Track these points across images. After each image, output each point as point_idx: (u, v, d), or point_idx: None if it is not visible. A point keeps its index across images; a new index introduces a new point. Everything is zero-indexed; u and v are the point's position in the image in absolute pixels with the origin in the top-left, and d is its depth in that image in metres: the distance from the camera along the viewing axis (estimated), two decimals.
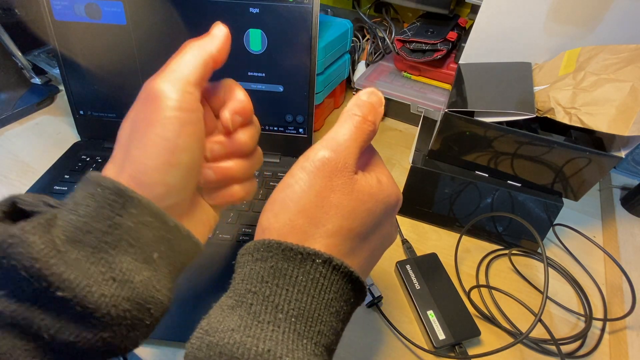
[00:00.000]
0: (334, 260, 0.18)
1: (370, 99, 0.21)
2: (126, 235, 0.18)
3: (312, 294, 0.17)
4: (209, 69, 0.22)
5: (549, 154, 0.37)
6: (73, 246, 0.17)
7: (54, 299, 0.16)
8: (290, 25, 0.43)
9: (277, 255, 0.18)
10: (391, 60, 0.65)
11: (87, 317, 0.17)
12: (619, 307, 0.37)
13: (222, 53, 0.22)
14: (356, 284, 0.19)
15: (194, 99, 0.21)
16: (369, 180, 0.20)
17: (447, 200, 0.43)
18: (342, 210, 0.19)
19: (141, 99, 0.21)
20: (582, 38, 0.42)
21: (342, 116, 0.21)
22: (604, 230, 0.47)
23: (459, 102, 0.39)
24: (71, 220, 0.18)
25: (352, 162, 0.20)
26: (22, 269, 0.16)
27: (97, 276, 0.17)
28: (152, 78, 0.21)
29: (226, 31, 0.23)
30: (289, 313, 0.17)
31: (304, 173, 0.19)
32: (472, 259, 0.42)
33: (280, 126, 0.49)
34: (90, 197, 0.18)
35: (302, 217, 0.19)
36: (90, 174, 0.20)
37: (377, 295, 0.36)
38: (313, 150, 0.20)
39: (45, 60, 0.62)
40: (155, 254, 0.20)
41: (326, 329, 0.17)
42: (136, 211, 0.19)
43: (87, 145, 0.51)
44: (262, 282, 0.17)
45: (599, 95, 0.34)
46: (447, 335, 0.33)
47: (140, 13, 0.44)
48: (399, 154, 0.56)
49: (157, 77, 0.21)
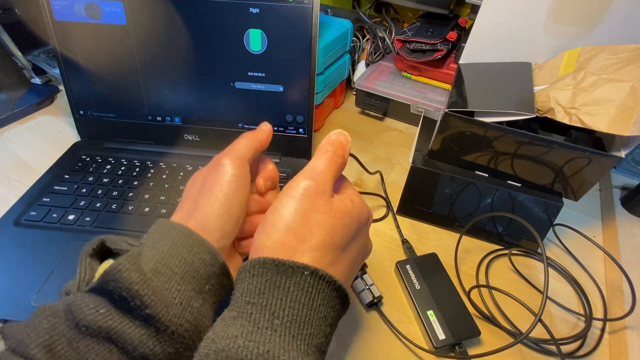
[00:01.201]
0: (320, 271, 0.21)
1: (338, 137, 0.27)
2: (190, 268, 0.23)
3: (303, 302, 0.20)
4: (257, 151, 0.30)
5: (549, 154, 0.37)
6: (155, 275, 0.22)
7: (142, 316, 0.20)
8: (290, 25, 0.43)
9: (272, 270, 0.21)
10: (391, 60, 0.65)
11: (161, 332, 0.21)
12: (619, 307, 0.37)
13: (267, 141, 0.31)
14: (339, 291, 0.22)
15: (247, 169, 0.28)
16: (343, 200, 0.24)
17: (447, 200, 0.43)
18: (323, 227, 0.22)
19: (211, 166, 0.28)
20: (582, 38, 0.42)
21: (317, 152, 0.26)
22: (604, 230, 0.47)
23: (459, 102, 0.39)
24: (153, 255, 0.23)
25: (329, 187, 0.24)
26: (124, 290, 0.20)
27: (170, 300, 0.21)
28: (219, 154, 0.28)
29: (270, 127, 0.31)
30: (284, 319, 0.19)
31: (290, 199, 0.23)
32: (472, 259, 0.42)
33: (280, 126, 0.49)
34: (167, 238, 0.24)
35: (290, 235, 0.22)
36: (163, 220, 0.26)
37: (377, 295, 0.36)
38: (296, 180, 0.24)
39: (45, 60, 0.62)
40: (207, 286, 0.24)
41: (316, 332, 0.20)
42: (198, 249, 0.24)
43: (87, 145, 0.51)
44: (259, 294, 0.20)
45: (599, 95, 0.34)
46: (447, 335, 0.33)
47: (140, 13, 0.44)
48: (399, 154, 0.56)
49: (223, 154, 0.28)
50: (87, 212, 0.42)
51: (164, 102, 0.49)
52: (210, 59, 0.46)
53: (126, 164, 0.48)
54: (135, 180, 0.46)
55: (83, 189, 0.44)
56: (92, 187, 0.45)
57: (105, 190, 0.44)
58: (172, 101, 0.49)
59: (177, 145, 0.51)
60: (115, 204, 0.43)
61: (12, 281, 0.35)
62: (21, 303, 0.34)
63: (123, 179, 0.46)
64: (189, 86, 0.47)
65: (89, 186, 0.45)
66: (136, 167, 0.48)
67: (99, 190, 0.44)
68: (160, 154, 0.50)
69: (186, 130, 0.50)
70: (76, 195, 0.44)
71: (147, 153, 0.50)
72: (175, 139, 0.51)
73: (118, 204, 0.43)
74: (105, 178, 0.46)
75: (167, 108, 0.49)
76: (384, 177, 0.51)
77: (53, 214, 0.41)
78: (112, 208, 0.42)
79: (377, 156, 0.56)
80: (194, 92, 0.48)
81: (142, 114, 0.50)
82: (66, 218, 0.41)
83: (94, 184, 0.45)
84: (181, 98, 0.48)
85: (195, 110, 0.49)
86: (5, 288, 0.34)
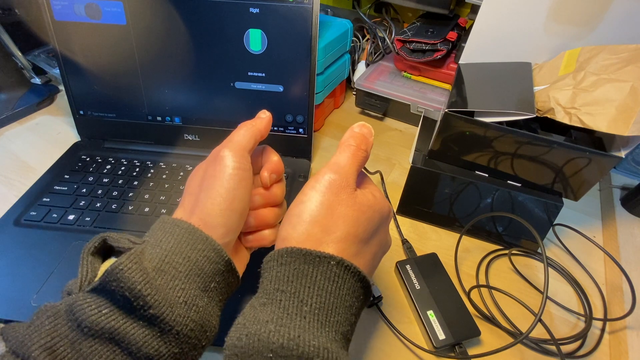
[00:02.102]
0: (345, 261, 0.21)
1: (361, 130, 0.27)
2: (194, 267, 0.23)
3: (330, 290, 0.20)
4: (257, 140, 0.29)
5: (549, 154, 0.37)
6: (158, 274, 0.22)
7: (145, 316, 0.20)
8: (290, 25, 0.43)
9: (299, 259, 0.21)
10: (391, 60, 0.65)
11: (166, 332, 0.21)
12: (619, 307, 0.37)
13: (266, 129, 0.30)
14: (363, 282, 0.22)
15: (248, 161, 0.27)
16: (366, 194, 0.25)
17: (447, 200, 0.43)
18: (347, 219, 0.23)
19: (210, 160, 0.27)
20: (582, 38, 0.42)
21: (341, 146, 0.26)
22: (604, 230, 0.47)
23: (459, 102, 0.39)
24: (156, 253, 0.22)
25: (352, 181, 0.24)
26: (127, 290, 0.20)
27: (174, 299, 0.21)
28: (218, 147, 0.28)
29: (269, 115, 0.31)
30: (313, 306, 0.20)
31: (315, 192, 0.23)
32: (472, 259, 0.42)
33: (280, 126, 0.49)
34: (170, 235, 0.23)
35: (316, 227, 0.22)
36: (165, 217, 0.25)
37: (377, 295, 0.36)
38: (321, 173, 0.24)
39: (45, 60, 0.62)
40: (212, 283, 0.24)
41: (342, 320, 0.21)
42: (202, 247, 0.24)
43: (87, 145, 0.51)
44: (287, 282, 0.21)
45: (599, 95, 0.34)
46: (447, 335, 0.33)
47: (140, 13, 0.44)
48: (399, 154, 0.56)
49: (222, 146, 0.27)
50: (87, 212, 0.42)
51: (164, 102, 0.49)
52: (210, 59, 0.46)
53: (126, 164, 0.48)
54: (135, 180, 0.46)
55: (83, 189, 0.44)
56: (92, 187, 0.45)
57: (105, 190, 0.44)
58: (172, 101, 0.49)
59: (177, 145, 0.51)
60: (115, 204, 0.43)
61: (12, 281, 0.35)
62: (21, 303, 0.34)
63: (123, 179, 0.46)
64: (189, 86, 0.47)
65: (89, 186, 0.45)
66: (136, 167, 0.48)
67: (99, 190, 0.44)
68: (160, 154, 0.50)
69: (186, 130, 0.50)
70: (76, 195, 0.44)
71: (147, 153, 0.50)
72: (175, 139, 0.51)
73: (118, 204, 0.43)
74: (105, 178, 0.46)
75: (167, 108, 0.49)
76: (384, 177, 0.51)
77: (53, 214, 0.41)
78: (112, 208, 0.42)
79: (377, 156, 0.56)
80: (194, 92, 0.48)
81: (142, 114, 0.50)
82: (66, 218, 0.41)
83: (94, 184, 0.45)
84: (181, 98, 0.48)
85: (195, 110, 0.49)
86: (5, 288, 0.34)
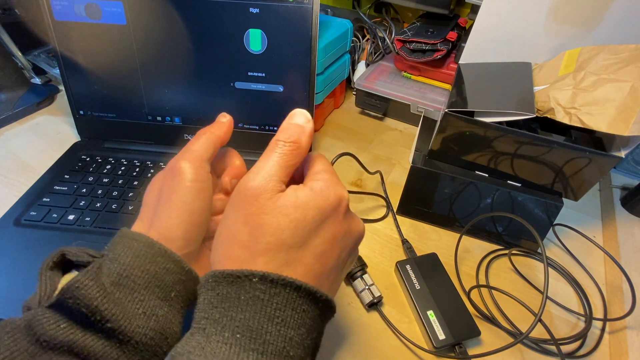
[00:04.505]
0: (270, 275, 0.19)
1: (294, 120, 0.25)
2: (154, 279, 0.23)
3: (254, 310, 0.19)
4: (217, 147, 0.28)
5: (549, 154, 0.37)
6: (116, 288, 0.22)
7: (103, 329, 0.21)
8: (290, 25, 0.43)
9: (222, 282, 0.20)
10: (391, 60, 0.65)
11: (125, 343, 0.21)
12: (619, 307, 0.37)
13: (227, 135, 0.28)
14: (301, 291, 0.20)
15: (206, 171, 0.26)
16: (297, 192, 0.22)
17: (447, 200, 0.43)
18: (267, 228, 0.21)
19: (167, 171, 0.26)
20: (582, 38, 0.42)
21: (269, 145, 0.24)
22: (604, 230, 0.47)
23: (459, 102, 0.39)
24: (115, 268, 0.22)
25: (274, 184, 0.22)
26: (83, 307, 0.20)
27: (133, 311, 0.22)
28: (175, 157, 0.26)
29: (229, 118, 0.29)
30: (234, 330, 0.19)
31: (229, 207, 0.22)
32: (472, 259, 0.42)
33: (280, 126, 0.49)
34: (129, 249, 0.23)
35: (235, 245, 0.21)
36: (125, 230, 0.25)
37: (377, 295, 0.36)
38: (237, 185, 0.23)
39: (45, 60, 0.62)
40: (173, 292, 0.24)
41: (272, 338, 0.19)
42: (162, 260, 0.24)
43: (87, 145, 0.51)
44: (212, 307, 0.20)
45: (599, 95, 0.34)
46: (447, 335, 0.33)
47: (140, 13, 0.44)
48: (399, 154, 0.56)
49: (179, 157, 0.26)
50: (87, 212, 0.42)
51: (164, 102, 0.49)
52: (210, 59, 0.46)
53: (126, 164, 0.48)
54: (135, 180, 0.46)
55: (83, 189, 0.44)
56: (92, 187, 0.45)
57: (105, 190, 0.44)
58: (172, 101, 0.49)
59: (177, 145, 0.51)
60: (115, 204, 0.43)
61: (12, 281, 0.35)
62: (21, 303, 0.33)
63: (123, 179, 0.46)
64: (189, 86, 0.47)
65: (89, 186, 0.45)
66: (136, 167, 0.48)
67: (99, 190, 0.44)
68: (160, 154, 0.50)
69: (186, 130, 0.50)
70: (76, 195, 0.44)
71: (147, 153, 0.50)
72: (175, 139, 0.51)
73: (118, 204, 0.43)
74: (105, 178, 0.46)
75: (167, 108, 0.49)
76: (384, 177, 0.51)
77: (53, 214, 0.41)
78: (112, 208, 0.42)
79: (377, 156, 0.56)
80: (194, 92, 0.48)
81: (142, 114, 0.50)
82: (66, 218, 0.41)
83: (94, 184, 0.45)
84: (181, 98, 0.48)
85: (195, 110, 0.49)
86: (5, 288, 0.34)
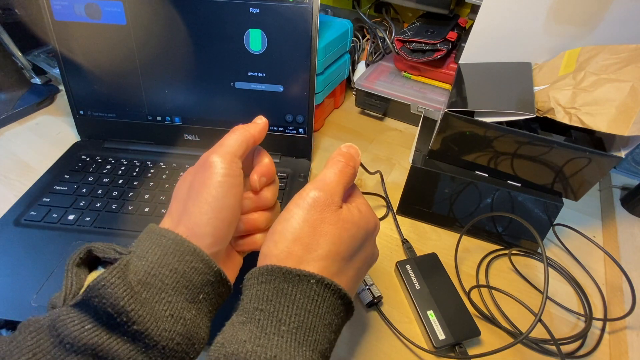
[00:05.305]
0: (325, 280, 0.21)
1: (349, 150, 0.27)
2: (182, 278, 0.22)
3: (309, 309, 0.20)
4: (249, 145, 0.28)
5: (549, 154, 0.36)
6: (143, 287, 0.21)
7: (129, 332, 0.20)
8: (290, 25, 0.43)
9: (279, 277, 0.21)
10: (391, 60, 0.65)
11: (151, 348, 0.20)
12: (619, 307, 0.37)
13: (261, 135, 0.29)
14: (344, 299, 0.22)
15: (238, 167, 0.26)
16: (351, 210, 0.24)
17: (447, 200, 0.43)
18: (330, 237, 0.23)
19: (199, 165, 0.26)
20: (582, 38, 0.42)
21: (329, 162, 0.26)
22: (604, 230, 0.47)
23: (459, 102, 0.39)
24: (142, 265, 0.22)
25: (338, 198, 0.24)
26: (109, 306, 0.19)
27: (160, 313, 0.21)
28: (208, 152, 0.26)
29: (265, 120, 0.30)
30: (291, 325, 0.20)
31: (299, 209, 0.23)
32: (472, 259, 0.42)
33: (280, 126, 0.49)
34: (157, 246, 0.23)
35: (297, 245, 0.22)
36: (152, 226, 0.24)
37: (377, 295, 0.36)
38: (306, 190, 0.24)
39: (45, 60, 0.62)
40: (201, 295, 0.23)
41: (321, 338, 0.21)
42: (190, 258, 0.23)
43: (87, 145, 0.51)
44: (267, 301, 0.21)
45: (599, 95, 0.34)
46: (447, 335, 0.33)
47: (140, 13, 0.44)
48: (399, 154, 0.56)
49: (211, 151, 0.26)
50: (87, 212, 0.42)
51: (164, 102, 0.49)
52: (210, 59, 0.46)
53: (126, 164, 0.48)
54: (135, 180, 0.46)
55: (83, 189, 0.44)
56: (92, 187, 0.45)
57: (105, 190, 0.44)
58: (172, 101, 0.49)
59: (177, 145, 0.51)
60: (115, 204, 0.43)
61: (12, 281, 0.35)
62: (21, 303, 0.34)
63: (123, 179, 0.46)
64: (189, 86, 0.47)
65: (89, 186, 0.45)
66: (136, 167, 0.48)
67: (99, 190, 0.44)
68: (160, 154, 0.50)
69: (186, 130, 0.50)
70: (76, 195, 0.44)
71: (147, 153, 0.50)
72: (175, 139, 0.51)
73: (118, 204, 0.43)
74: (105, 178, 0.46)
75: (167, 108, 0.49)
76: (384, 177, 0.51)
77: (53, 214, 0.41)
78: (112, 208, 0.42)
79: (377, 156, 0.56)
80: (194, 92, 0.48)
81: (142, 114, 0.50)
82: (66, 218, 0.41)
83: (94, 184, 0.45)
84: (181, 98, 0.48)
85: (195, 110, 0.49)
86: (5, 288, 0.34)
